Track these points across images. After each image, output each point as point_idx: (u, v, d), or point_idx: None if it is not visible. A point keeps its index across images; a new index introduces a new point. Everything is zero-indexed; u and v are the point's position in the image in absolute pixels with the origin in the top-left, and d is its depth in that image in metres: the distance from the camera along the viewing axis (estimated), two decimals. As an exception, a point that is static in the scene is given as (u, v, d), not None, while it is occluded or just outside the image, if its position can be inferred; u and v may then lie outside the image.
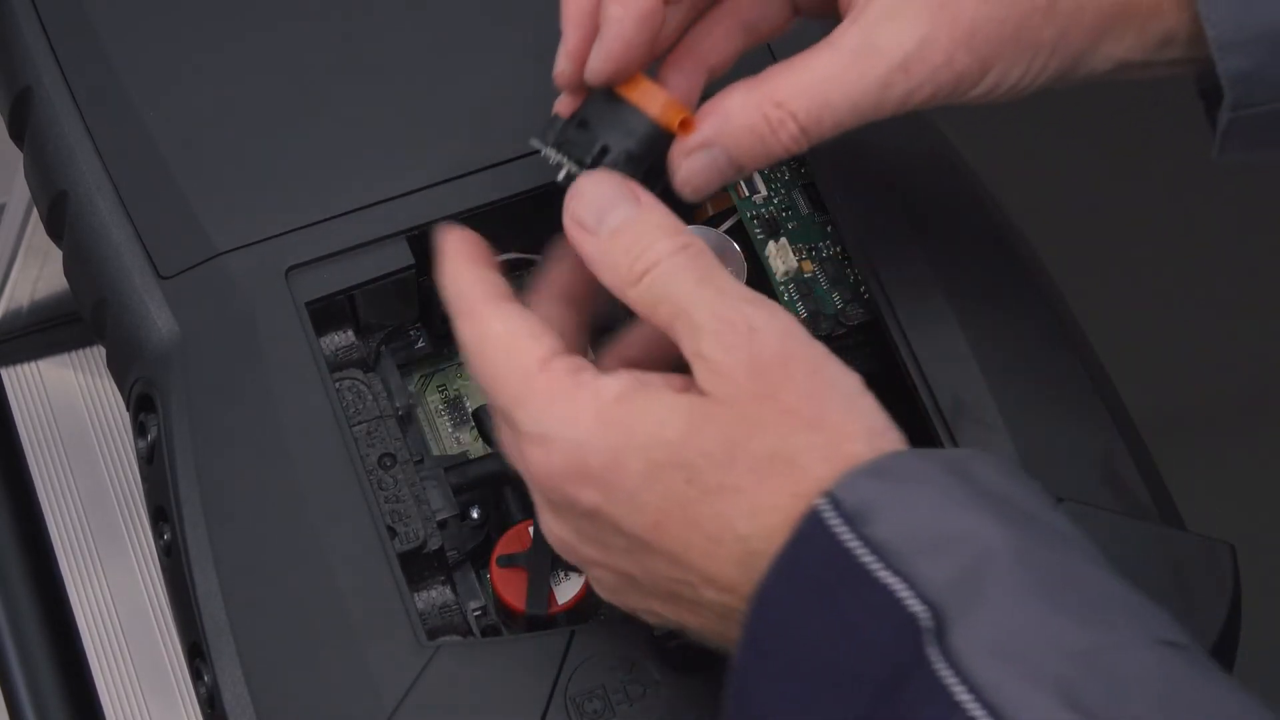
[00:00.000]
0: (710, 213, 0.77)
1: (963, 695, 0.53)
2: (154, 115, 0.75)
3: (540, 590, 0.69)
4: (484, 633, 0.71)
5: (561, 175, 0.66)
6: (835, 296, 0.74)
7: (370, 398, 0.72)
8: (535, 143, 0.66)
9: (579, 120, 0.66)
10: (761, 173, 0.77)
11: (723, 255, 0.74)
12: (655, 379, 0.61)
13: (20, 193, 0.97)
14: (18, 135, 0.78)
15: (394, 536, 0.69)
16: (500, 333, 0.62)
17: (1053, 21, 0.64)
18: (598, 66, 0.65)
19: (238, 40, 0.77)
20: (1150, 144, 1.65)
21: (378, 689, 0.65)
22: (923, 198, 0.75)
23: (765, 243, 0.75)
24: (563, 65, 0.66)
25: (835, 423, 0.59)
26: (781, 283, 0.75)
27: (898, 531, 0.56)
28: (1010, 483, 0.58)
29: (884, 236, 0.73)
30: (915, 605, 0.55)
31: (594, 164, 0.65)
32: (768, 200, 0.76)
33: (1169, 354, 1.59)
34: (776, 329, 0.60)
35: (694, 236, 0.62)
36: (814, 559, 0.56)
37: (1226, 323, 1.62)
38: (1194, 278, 1.63)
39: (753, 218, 0.76)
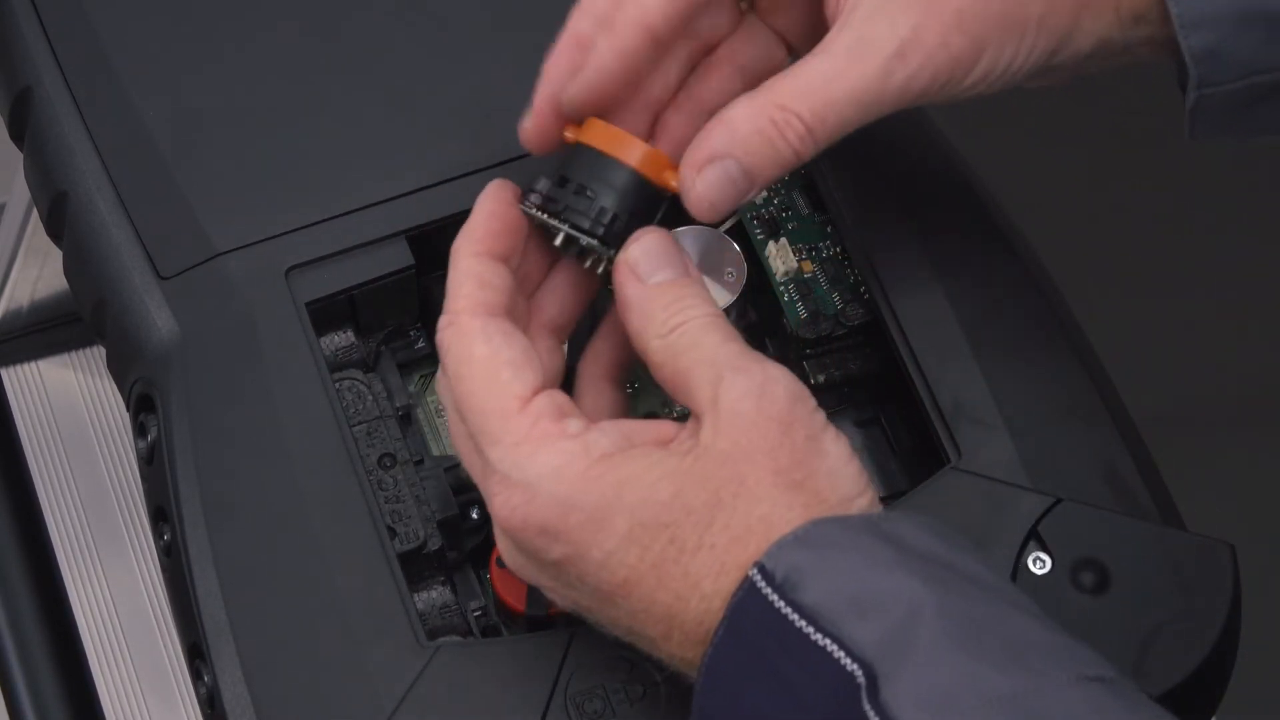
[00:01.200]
0: (710, 213, 0.77)
1: None
2: (154, 115, 0.75)
3: (540, 591, 0.69)
4: (484, 633, 0.71)
5: (559, 239, 0.66)
6: (835, 296, 0.74)
7: (370, 398, 0.72)
8: (526, 209, 0.66)
9: (559, 179, 0.66)
10: (761, 173, 0.77)
11: (723, 255, 0.74)
12: (643, 434, 0.62)
13: (20, 193, 0.97)
14: (18, 135, 0.78)
15: (394, 537, 0.69)
16: (482, 358, 0.62)
17: (1033, 1, 0.65)
18: (574, 93, 0.66)
19: (238, 41, 0.77)
20: (1150, 144, 1.65)
21: (377, 689, 0.65)
22: (922, 198, 0.75)
23: (765, 243, 0.75)
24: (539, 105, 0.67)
25: (814, 489, 0.60)
26: (781, 283, 0.75)
27: (826, 596, 0.57)
28: (932, 539, 0.59)
29: (884, 236, 0.73)
30: (849, 664, 0.56)
31: (606, 231, 0.65)
32: (767, 200, 0.76)
33: (1169, 354, 1.59)
34: (788, 392, 0.61)
35: (724, 315, 0.64)
36: (753, 626, 0.58)
37: (1226, 323, 1.62)
38: (1194, 278, 1.64)
39: (752, 218, 0.76)
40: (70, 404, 1.01)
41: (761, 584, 0.58)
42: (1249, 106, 0.67)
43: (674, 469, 0.60)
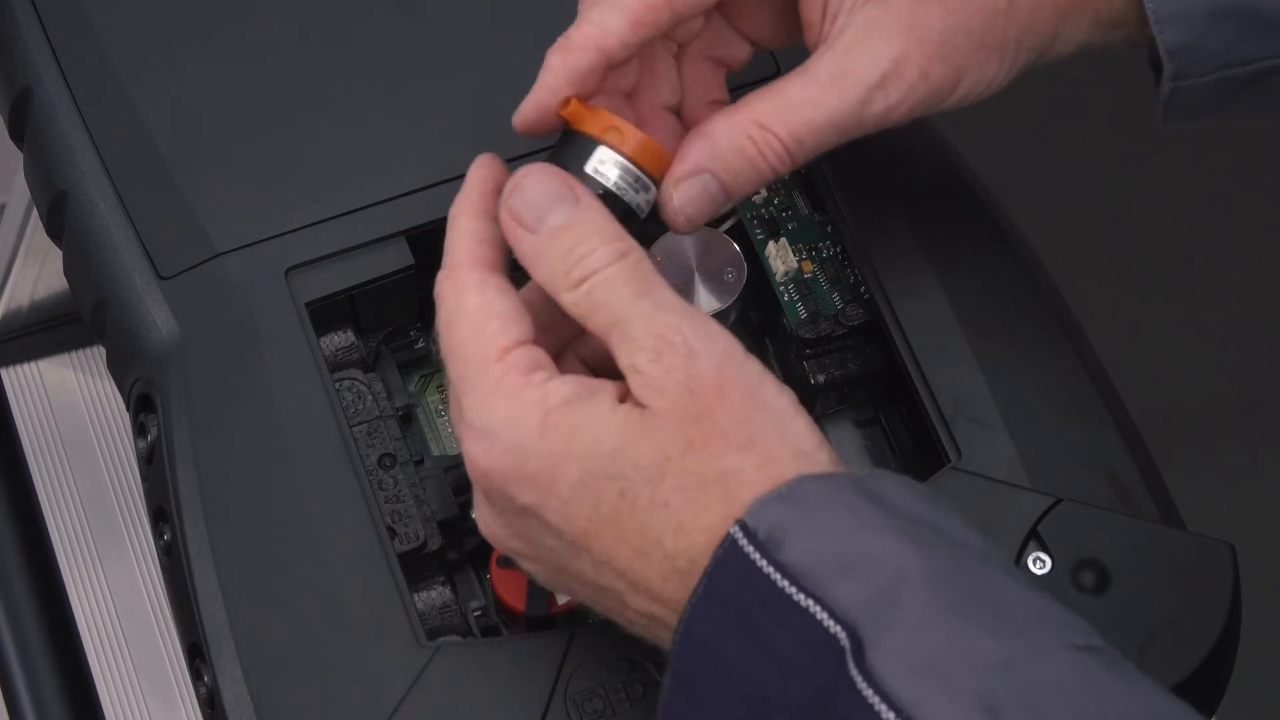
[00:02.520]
0: (710, 213, 0.77)
1: (886, 713, 0.54)
2: (154, 115, 0.75)
3: (540, 590, 0.69)
4: (484, 633, 0.71)
5: None
6: (835, 297, 0.74)
7: (370, 398, 0.72)
8: None
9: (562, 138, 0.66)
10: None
11: (723, 255, 0.74)
12: (602, 387, 0.61)
13: (20, 193, 0.97)
14: (18, 136, 0.78)
15: (394, 537, 0.69)
16: (474, 307, 0.62)
17: (1015, 21, 0.66)
18: (523, 113, 0.66)
19: (238, 41, 0.77)
20: (1150, 144, 1.65)
21: (377, 689, 0.65)
22: (922, 198, 0.75)
23: (765, 243, 0.75)
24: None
25: (766, 446, 0.59)
26: (781, 283, 0.75)
27: (809, 555, 0.57)
28: (919, 501, 0.59)
29: (884, 236, 0.73)
30: (833, 626, 0.55)
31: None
32: (767, 201, 0.76)
33: (1169, 354, 1.59)
34: (715, 353, 0.60)
35: (633, 243, 0.62)
36: (734, 586, 0.57)
37: (1226, 323, 1.62)
38: (1194, 278, 1.64)
39: (753, 218, 0.76)
40: (70, 404, 1.01)
41: (744, 541, 0.57)
42: (1220, 99, 0.68)
43: (621, 420, 0.60)
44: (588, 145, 0.64)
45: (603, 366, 0.64)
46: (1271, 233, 1.65)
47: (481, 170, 0.66)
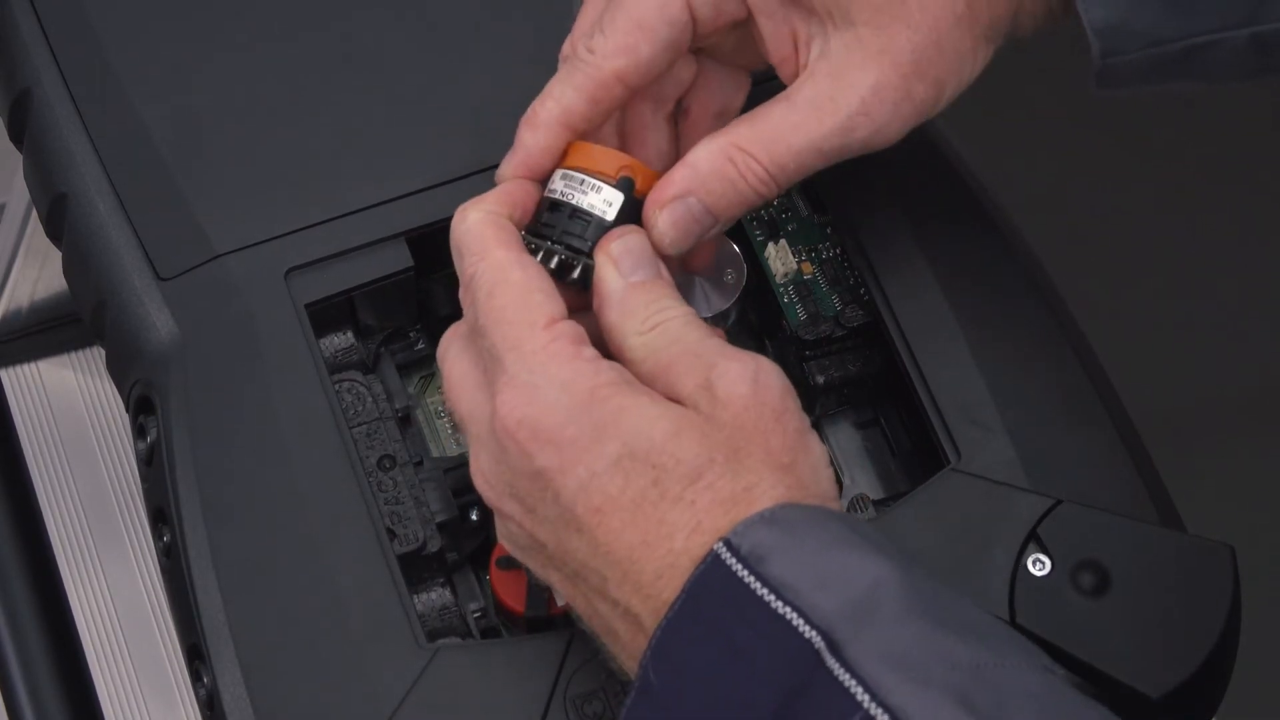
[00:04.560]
0: (710, 214, 0.77)
1: (862, 695, 0.55)
2: (153, 117, 0.75)
3: (539, 592, 0.69)
4: (483, 634, 0.71)
5: (554, 263, 0.66)
6: (834, 298, 0.74)
7: (370, 399, 0.72)
8: (528, 239, 0.66)
9: (550, 204, 0.66)
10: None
11: (722, 257, 0.74)
12: (646, 387, 0.62)
13: (20, 193, 0.97)
14: (17, 137, 0.78)
15: (393, 538, 0.69)
16: (518, 280, 0.63)
17: (977, 21, 0.67)
18: (502, 174, 0.68)
19: (237, 42, 0.77)
20: (1150, 144, 1.65)
21: (377, 691, 0.65)
22: (922, 199, 0.75)
23: (765, 244, 0.75)
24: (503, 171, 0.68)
25: (801, 476, 0.61)
26: (781, 284, 0.75)
27: (790, 569, 0.58)
28: (885, 539, 0.60)
29: (883, 238, 0.73)
30: (808, 632, 0.57)
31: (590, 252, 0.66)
32: (767, 202, 0.76)
33: (1169, 354, 1.59)
34: (781, 384, 0.62)
35: None
36: (712, 599, 0.58)
37: (1226, 323, 1.62)
38: (1194, 278, 1.64)
39: (752, 219, 0.76)
40: (70, 405, 1.01)
41: (727, 557, 0.58)
42: (1150, 72, 0.68)
43: (676, 415, 0.61)
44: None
45: None
46: (1271, 233, 1.65)
47: (503, 186, 0.67)
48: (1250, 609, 0.69)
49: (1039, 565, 0.67)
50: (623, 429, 0.61)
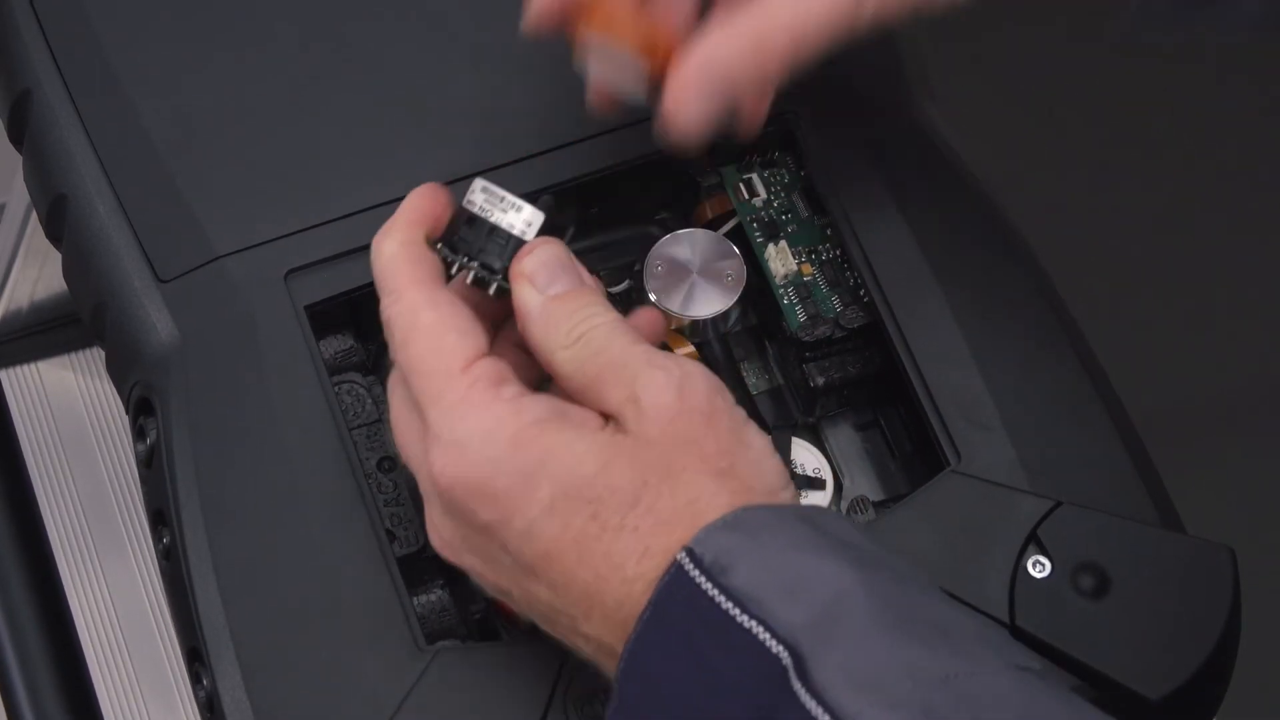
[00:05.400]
0: (709, 216, 0.77)
1: None
2: (153, 118, 0.75)
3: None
4: (483, 636, 0.71)
5: (470, 278, 0.65)
6: (834, 299, 0.74)
7: (370, 401, 0.72)
8: (444, 251, 0.65)
9: (468, 218, 0.65)
10: (761, 176, 0.77)
11: (722, 258, 0.74)
12: (575, 412, 0.62)
13: (20, 194, 0.97)
14: (17, 138, 0.78)
15: (393, 540, 0.69)
16: (430, 323, 0.62)
17: None
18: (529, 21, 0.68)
19: (237, 44, 0.76)
20: (1151, 144, 1.65)
21: (376, 693, 0.65)
22: (922, 200, 0.74)
23: (765, 246, 0.75)
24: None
25: (743, 477, 0.60)
26: (781, 286, 0.75)
27: (753, 579, 0.57)
28: (856, 533, 0.60)
29: (883, 239, 0.73)
30: (775, 647, 0.56)
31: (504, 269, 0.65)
32: (767, 203, 0.76)
33: (1169, 354, 1.59)
34: (707, 385, 0.62)
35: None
36: (679, 610, 0.58)
37: (1226, 323, 1.62)
38: (1194, 278, 1.64)
39: (752, 221, 0.76)
40: (70, 405, 1.01)
41: (690, 567, 0.58)
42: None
43: (603, 445, 0.60)
44: None
45: None
46: (1272, 233, 1.65)
47: (413, 199, 0.66)
48: (1250, 609, 0.69)
49: (1039, 567, 0.67)
50: (551, 471, 0.60)
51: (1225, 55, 1.67)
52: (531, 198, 0.65)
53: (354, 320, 0.73)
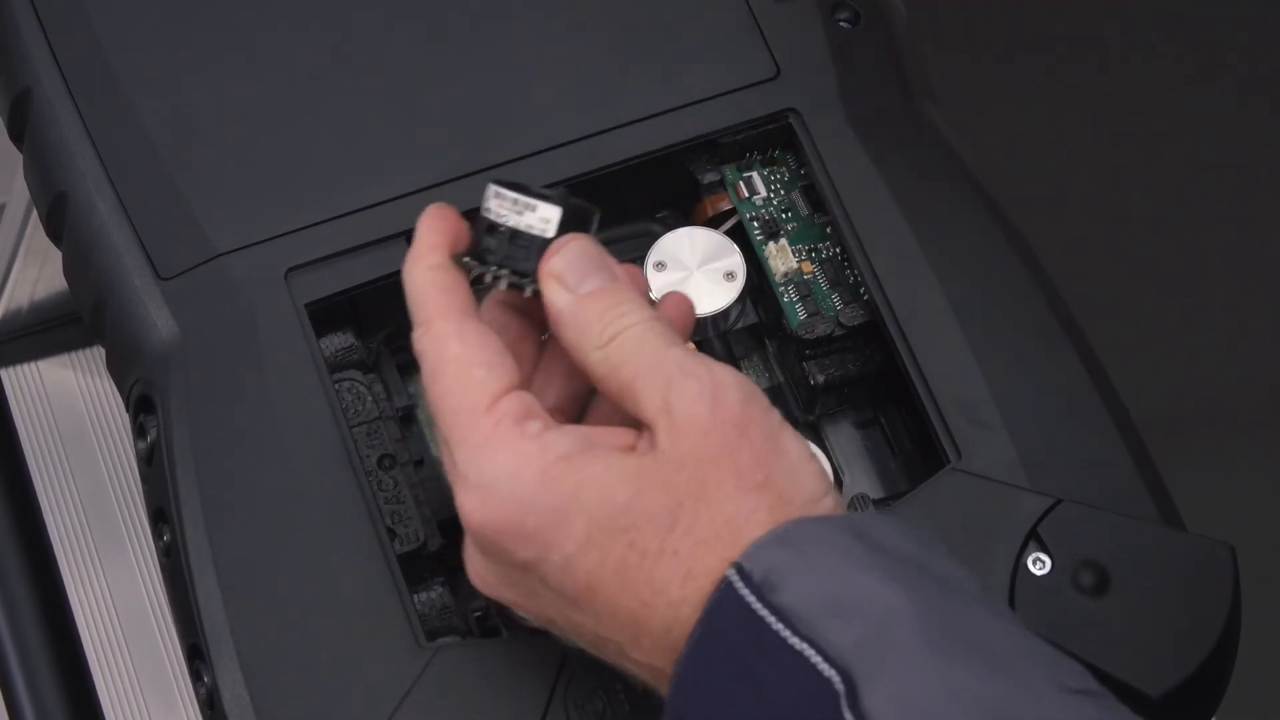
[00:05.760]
0: (710, 214, 0.77)
1: None
2: (153, 116, 0.75)
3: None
4: (484, 634, 0.71)
5: (504, 285, 0.64)
6: (835, 297, 0.74)
7: (370, 399, 0.72)
8: (472, 264, 0.65)
9: (487, 226, 0.64)
10: (761, 174, 0.77)
11: (723, 256, 0.74)
12: (603, 437, 0.61)
13: (20, 193, 0.97)
14: (17, 136, 0.78)
15: (394, 538, 0.69)
16: (456, 357, 0.62)
17: None
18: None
19: (238, 42, 0.76)
20: (1150, 143, 1.65)
21: (377, 690, 0.65)
22: (922, 198, 0.75)
23: (765, 244, 0.75)
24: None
25: (779, 489, 0.60)
26: (781, 284, 0.75)
27: (803, 597, 0.56)
28: (910, 543, 0.59)
29: (883, 237, 0.73)
30: (826, 669, 0.55)
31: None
32: (767, 201, 0.76)
33: (1169, 354, 1.59)
34: (741, 391, 0.61)
35: (658, 312, 0.63)
36: (730, 629, 0.57)
37: (1226, 323, 1.63)
38: (1194, 278, 1.64)
39: (752, 219, 0.76)
40: (70, 404, 1.01)
41: (739, 584, 0.57)
42: None
43: (633, 472, 0.59)
44: None
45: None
46: (1271, 232, 1.65)
47: (428, 221, 0.65)
48: (1250, 609, 0.69)
49: (1039, 564, 0.67)
50: (584, 504, 0.59)
51: (1226, 56, 1.67)
52: (545, 192, 0.64)
53: (354, 318, 0.73)
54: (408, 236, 0.73)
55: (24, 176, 0.78)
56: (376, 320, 0.74)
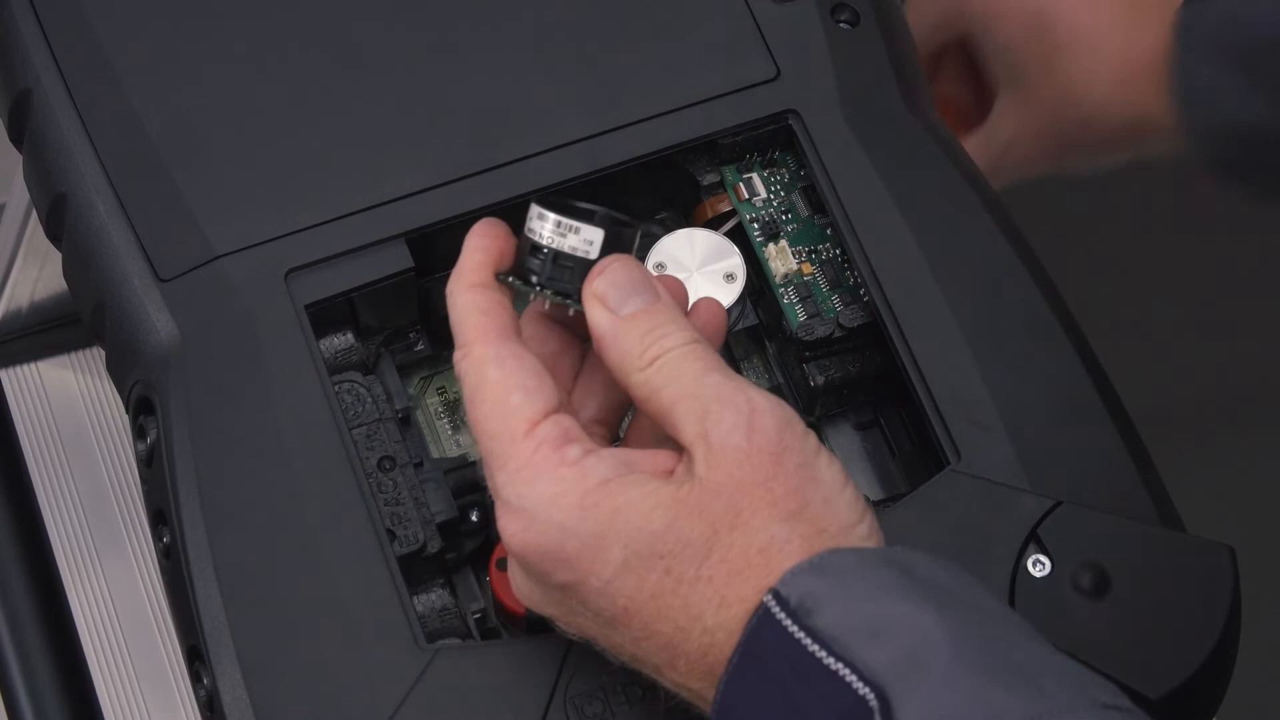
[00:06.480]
0: (709, 215, 0.77)
1: None
2: (153, 117, 0.75)
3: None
4: (484, 636, 0.71)
5: (547, 305, 0.65)
6: (834, 299, 0.74)
7: (370, 400, 0.72)
8: (516, 283, 0.65)
9: (531, 246, 0.65)
10: (761, 175, 0.77)
11: (723, 258, 0.74)
12: (642, 462, 0.62)
13: (20, 193, 0.96)
14: (17, 137, 0.77)
15: (393, 539, 0.69)
16: (495, 382, 0.63)
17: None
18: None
19: (237, 42, 0.76)
20: (1150, 144, 1.65)
21: (377, 692, 0.65)
22: (922, 199, 0.74)
23: (765, 245, 0.75)
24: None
25: (813, 518, 0.60)
26: (781, 285, 0.74)
27: (839, 620, 0.57)
28: (943, 571, 0.60)
29: (883, 239, 0.73)
30: (861, 688, 0.56)
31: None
32: (767, 203, 0.76)
33: (1169, 354, 1.59)
34: (778, 418, 0.61)
35: (700, 334, 0.63)
36: (767, 653, 0.58)
37: (1226, 323, 1.63)
38: (1194, 278, 1.64)
39: (752, 220, 0.76)
40: (70, 405, 1.01)
41: (776, 609, 0.58)
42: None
43: (670, 499, 0.60)
44: None
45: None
46: (1271, 232, 1.65)
47: (475, 241, 0.66)
48: (1250, 609, 0.69)
49: (1039, 566, 0.67)
50: (620, 531, 0.60)
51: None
52: (588, 208, 0.64)
53: (354, 319, 0.73)
54: (407, 238, 0.73)
55: (24, 177, 0.78)
56: (376, 322, 0.74)
